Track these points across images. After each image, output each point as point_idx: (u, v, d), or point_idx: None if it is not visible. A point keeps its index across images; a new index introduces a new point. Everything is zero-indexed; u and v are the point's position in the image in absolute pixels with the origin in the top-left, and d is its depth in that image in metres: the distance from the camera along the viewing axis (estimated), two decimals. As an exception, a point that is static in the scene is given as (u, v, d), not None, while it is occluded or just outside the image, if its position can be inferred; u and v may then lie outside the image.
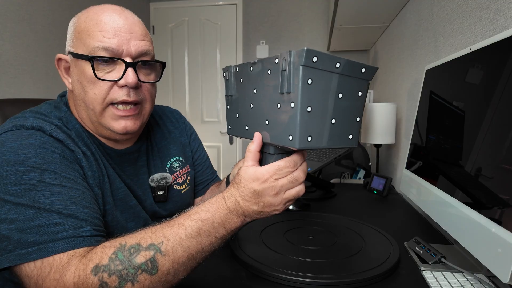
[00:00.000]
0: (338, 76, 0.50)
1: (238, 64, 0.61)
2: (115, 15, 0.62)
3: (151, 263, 0.47)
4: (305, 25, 2.74)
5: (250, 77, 0.58)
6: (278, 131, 0.52)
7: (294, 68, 0.47)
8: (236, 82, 0.63)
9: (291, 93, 0.48)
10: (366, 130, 1.55)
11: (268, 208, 0.53)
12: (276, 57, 0.50)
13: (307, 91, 0.47)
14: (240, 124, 0.64)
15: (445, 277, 0.65)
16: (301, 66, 0.46)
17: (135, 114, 0.65)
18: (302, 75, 0.46)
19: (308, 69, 0.46)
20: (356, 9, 1.62)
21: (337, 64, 0.49)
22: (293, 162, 0.53)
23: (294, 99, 0.48)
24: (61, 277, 0.46)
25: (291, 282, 0.62)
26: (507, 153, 0.53)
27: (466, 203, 0.63)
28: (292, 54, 0.47)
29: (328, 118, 0.51)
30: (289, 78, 0.48)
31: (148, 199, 0.75)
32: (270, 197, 0.52)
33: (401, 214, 1.08)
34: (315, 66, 0.47)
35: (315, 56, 0.46)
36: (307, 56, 0.46)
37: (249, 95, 0.59)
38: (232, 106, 0.66)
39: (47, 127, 0.59)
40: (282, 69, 0.49)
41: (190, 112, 3.01)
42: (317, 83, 0.48)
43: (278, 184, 0.52)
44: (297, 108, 0.47)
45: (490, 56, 0.62)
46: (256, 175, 0.52)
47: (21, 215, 0.49)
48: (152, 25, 3.02)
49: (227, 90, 0.66)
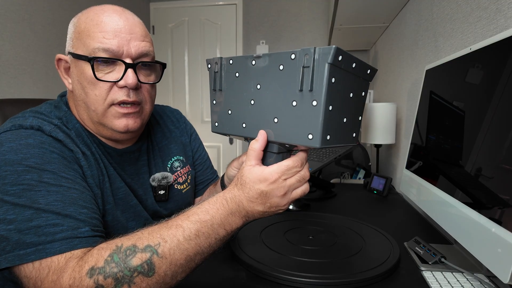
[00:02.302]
0: (352, 76, 0.50)
1: (231, 56, 0.59)
2: (116, 16, 0.62)
3: (147, 265, 0.47)
4: (305, 25, 2.74)
5: (251, 71, 0.56)
6: (291, 129, 0.51)
7: (319, 66, 0.46)
8: (228, 75, 0.60)
9: (313, 91, 0.47)
10: (366, 130, 1.55)
11: (273, 208, 0.53)
12: (292, 52, 0.49)
13: (331, 89, 0.47)
14: (233, 121, 0.60)
15: (445, 277, 0.65)
16: (327, 64, 0.45)
17: (136, 112, 0.65)
18: (328, 74, 0.46)
19: (334, 67, 0.46)
20: (356, 9, 1.62)
21: (353, 64, 0.49)
22: (300, 161, 0.52)
23: (317, 97, 0.47)
24: (58, 279, 0.46)
25: (291, 282, 0.62)
26: (507, 153, 0.53)
27: (466, 203, 0.63)
28: (318, 51, 0.46)
29: (342, 116, 0.51)
30: (312, 75, 0.47)
31: (149, 198, 0.75)
32: (278, 198, 0.52)
33: (401, 214, 1.08)
34: (338, 65, 0.47)
35: (341, 55, 0.46)
36: (335, 55, 0.45)
37: (249, 90, 0.56)
38: (221, 101, 0.62)
39: (46, 126, 0.59)
40: (304, 65, 0.47)
41: (190, 112, 3.01)
42: (338, 82, 0.48)
43: (286, 184, 0.51)
44: (321, 106, 0.47)
45: (490, 56, 0.62)
46: (264, 176, 0.51)
47: (19, 215, 0.49)
48: (152, 25, 3.01)
49: (214, 83, 0.62)
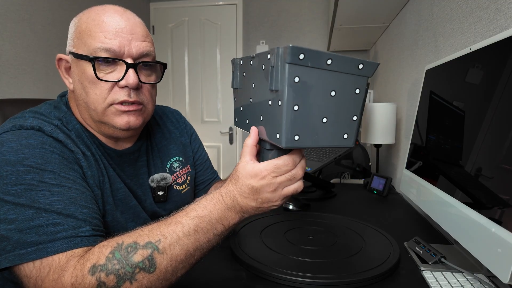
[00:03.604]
0: (330, 73, 0.47)
1: (243, 57, 0.61)
2: (117, 16, 0.62)
3: (148, 261, 0.47)
4: (305, 25, 2.74)
5: (250, 71, 0.57)
6: (269, 127, 0.51)
7: (280, 66, 0.46)
8: (240, 75, 0.62)
9: (278, 91, 0.47)
10: (366, 130, 1.55)
11: (266, 204, 0.53)
12: (268, 52, 0.48)
13: (293, 89, 0.46)
14: (243, 117, 0.63)
15: (445, 277, 0.65)
16: (287, 64, 0.44)
17: (138, 109, 0.66)
18: (288, 73, 0.45)
19: (295, 66, 0.45)
20: (356, 9, 1.62)
21: (328, 60, 0.47)
22: (291, 161, 0.52)
23: (281, 97, 0.46)
24: (60, 278, 0.46)
25: (291, 282, 0.62)
26: (507, 153, 0.53)
27: (466, 203, 0.63)
28: (279, 51, 0.45)
29: (318, 117, 0.48)
30: (276, 75, 0.46)
31: (148, 199, 0.75)
32: (268, 193, 0.52)
33: (401, 214, 1.08)
34: (302, 64, 0.45)
35: (301, 53, 0.44)
36: (292, 53, 0.44)
37: (249, 89, 0.58)
38: (237, 98, 0.66)
39: (47, 127, 0.59)
40: (271, 65, 0.47)
41: (190, 112, 3.01)
42: (306, 80, 0.46)
43: (276, 181, 0.52)
44: (283, 106, 0.46)
45: (490, 56, 0.62)
46: (254, 171, 0.52)
47: (20, 215, 0.49)
48: (152, 25, 3.01)
49: (232, 82, 0.66)
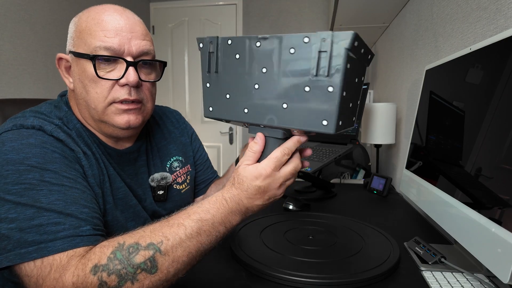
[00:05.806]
0: (359, 61, 0.49)
1: (230, 36, 0.55)
2: (117, 15, 0.63)
3: (150, 262, 0.48)
4: (305, 25, 2.74)
5: (255, 54, 0.52)
6: (302, 115, 0.50)
7: (336, 51, 0.45)
8: (226, 57, 0.55)
9: (330, 77, 0.46)
10: (366, 130, 1.55)
11: (272, 199, 0.56)
12: (305, 35, 0.47)
13: (347, 75, 0.46)
14: (232, 106, 0.57)
15: (445, 277, 0.65)
16: (345, 49, 0.45)
17: (137, 108, 0.66)
18: (345, 59, 0.45)
19: (349, 53, 0.45)
20: (356, 9, 1.62)
21: (362, 50, 0.48)
22: (288, 150, 0.55)
23: (334, 83, 0.46)
24: (61, 277, 0.46)
25: (291, 282, 0.62)
26: (507, 153, 0.53)
27: (466, 203, 0.63)
28: (336, 36, 0.45)
29: (349, 102, 0.50)
30: (330, 61, 0.46)
31: (148, 198, 0.75)
32: (275, 190, 0.55)
33: (401, 214, 1.08)
34: (353, 51, 0.46)
35: (357, 41, 0.45)
36: (353, 40, 0.44)
37: (253, 74, 0.53)
38: (216, 84, 0.58)
39: (48, 126, 0.59)
40: (320, 50, 0.46)
41: (190, 112, 3.01)
42: (351, 67, 0.47)
43: (281, 175, 0.55)
44: (337, 92, 0.46)
45: (490, 56, 0.62)
46: (258, 172, 0.54)
47: (21, 214, 0.49)
48: (152, 25, 3.01)
49: (208, 65, 0.57)
